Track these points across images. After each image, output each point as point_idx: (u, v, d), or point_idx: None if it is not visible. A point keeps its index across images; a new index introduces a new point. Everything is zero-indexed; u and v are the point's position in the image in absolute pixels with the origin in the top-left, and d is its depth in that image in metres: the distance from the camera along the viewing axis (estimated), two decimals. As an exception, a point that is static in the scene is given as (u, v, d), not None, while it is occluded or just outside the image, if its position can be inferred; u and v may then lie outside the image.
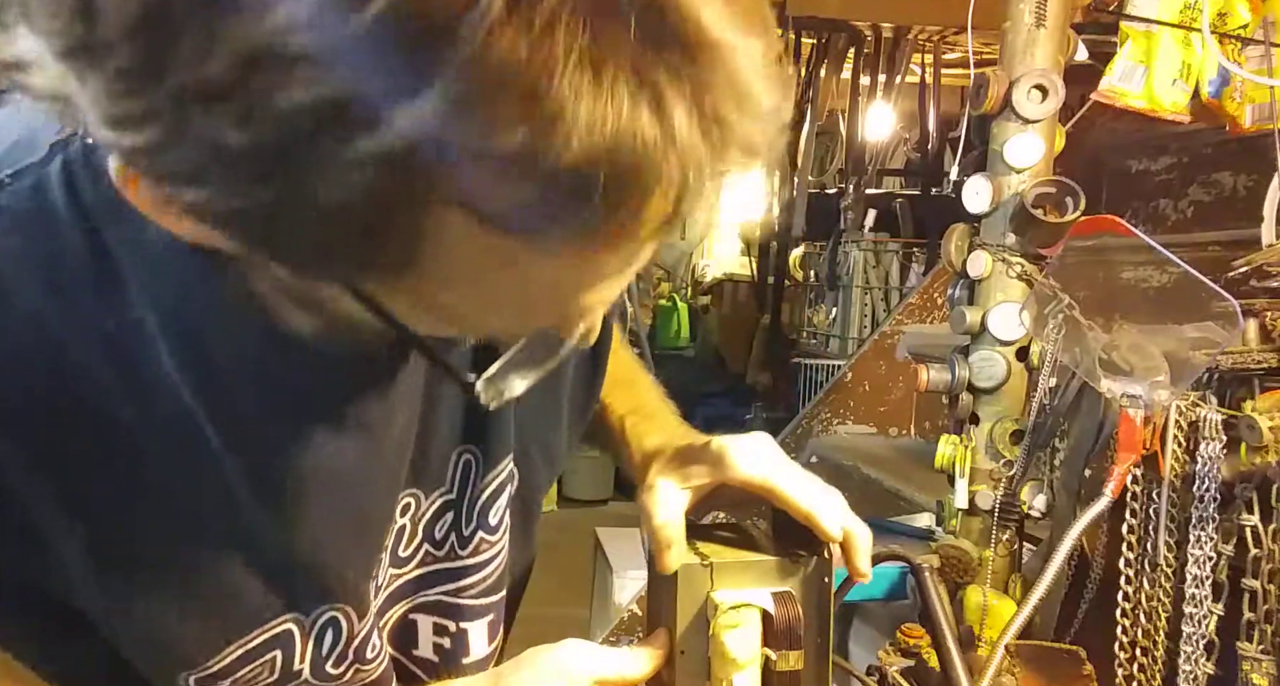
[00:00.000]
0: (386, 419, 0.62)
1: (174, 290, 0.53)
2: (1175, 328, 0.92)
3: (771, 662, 0.65)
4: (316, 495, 0.59)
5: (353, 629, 0.65)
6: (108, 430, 0.53)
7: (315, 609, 0.63)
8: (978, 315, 1.16)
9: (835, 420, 2.97)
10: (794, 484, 0.67)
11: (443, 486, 0.70)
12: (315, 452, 0.58)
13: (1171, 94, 1.32)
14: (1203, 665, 0.91)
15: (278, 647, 0.62)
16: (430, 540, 0.71)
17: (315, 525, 0.60)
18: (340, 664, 0.66)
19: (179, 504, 0.56)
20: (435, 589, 0.72)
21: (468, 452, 0.70)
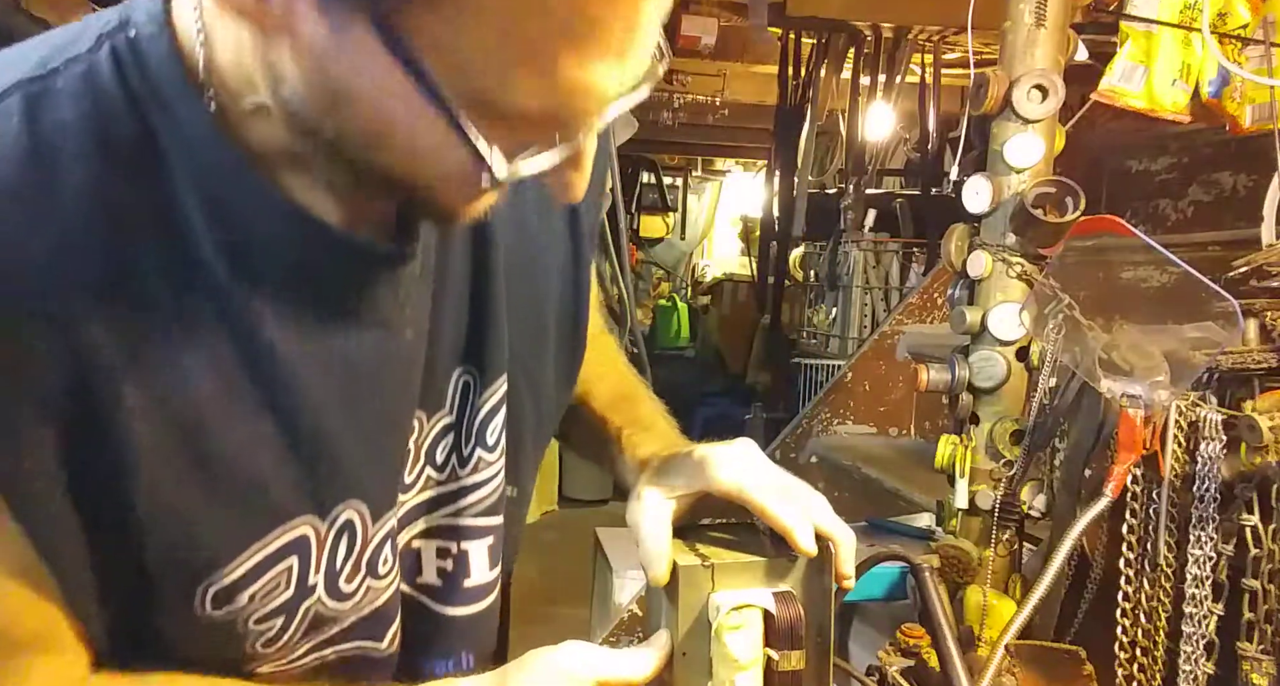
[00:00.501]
0: (400, 320, 0.65)
1: (211, 176, 0.56)
2: (1175, 328, 0.92)
3: (773, 663, 0.65)
4: (335, 384, 0.62)
5: (367, 533, 0.67)
6: (152, 303, 0.56)
7: (333, 506, 0.64)
8: (978, 315, 1.16)
9: (835, 420, 2.97)
10: (769, 497, 0.67)
11: (443, 409, 0.72)
12: (335, 342, 0.62)
13: (1171, 94, 1.32)
14: (1203, 665, 0.91)
15: (294, 554, 0.63)
16: (432, 464, 0.73)
17: (334, 414, 0.62)
18: (353, 578, 0.67)
19: (210, 385, 0.58)
20: (437, 513, 0.74)
21: (466, 374, 0.73)
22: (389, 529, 0.69)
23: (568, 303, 0.80)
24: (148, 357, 0.56)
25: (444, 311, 0.70)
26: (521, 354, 0.76)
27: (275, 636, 0.65)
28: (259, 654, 0.65)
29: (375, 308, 0.64)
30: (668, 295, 8.49)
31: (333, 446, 0.63)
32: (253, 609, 0.63)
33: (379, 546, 0.68)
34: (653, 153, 7.34)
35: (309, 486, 0.63)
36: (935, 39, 4.14)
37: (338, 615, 0.68)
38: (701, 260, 9.32)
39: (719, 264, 9.11)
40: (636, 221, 7.75)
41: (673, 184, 8.50)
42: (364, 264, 0.63)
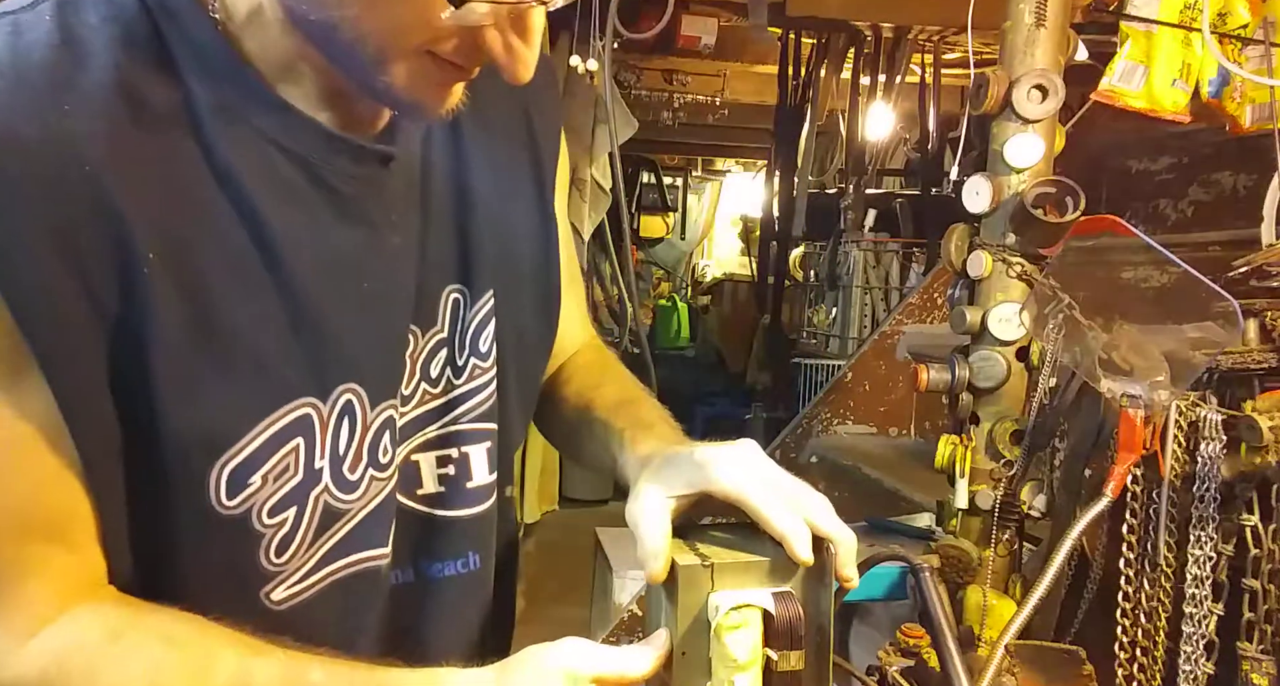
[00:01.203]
0: (385, 223, 0.72)
1: (214, 75, 0.64)
2: (1175, 328, 0.92)
3: (773, 663, 0.65)
4: (330, 273, 0.68)
5: (366, 417, 0.71)
6: (169, 176, 0.62)
7: (333, 388, 0.69)
8: (978, 315, 1.16)
9: (835, 420, 2.97)
10: (767, 502, 0.67)
11: (436, 325, 0.77)
12: (328, 233, 0.68)
13: (1171, 94, 1.32)
14: (1203, 665, 0.91)
15: (299, 435, 0.67)
16: (427, 379, 0.77)
17: (331, 301, 0.68)
18: (356, 466, 0.71)
19: (220, 261, 0.64)
20: (434, 424, 0.78)
21: (456, 291, 0.78)
22: (387, 418, 0.73)
23: (536, 241, 0.86)
24: (167, 225, 0.62)
25: (432, 231, 0.76)
26: (504, 278, 0.82)
27: (288, 536, 0.68)
28: (273, 569, 0.68)
29: (362, 205, 0.70)
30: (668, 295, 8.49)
31: (330, 330, 0.68)
32: (265, 496, 0.66)
33: (378, 433, 0.72)
34: (653, 153, 7.34)
35: (310, 366, 0.67)
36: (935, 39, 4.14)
37: (346, 509, 0.71)
38: (701, 260, 9.32)
39: (719, 264, 9.11)
40: (636, 221, 7.75)
41: (673, 184, 8.50)
42: (350, 159, 0.69)
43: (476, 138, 0.80)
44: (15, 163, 0.57)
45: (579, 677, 0.64)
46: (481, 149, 0.80)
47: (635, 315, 2.66)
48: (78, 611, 0.62)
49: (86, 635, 0.62)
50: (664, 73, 5.09)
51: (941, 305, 2.88)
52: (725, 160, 8.53)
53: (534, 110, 0.86)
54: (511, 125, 0.84)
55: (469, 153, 0.80)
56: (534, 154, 0.86)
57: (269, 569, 0.69)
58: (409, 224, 0.74)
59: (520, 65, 0.63)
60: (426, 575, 0.79)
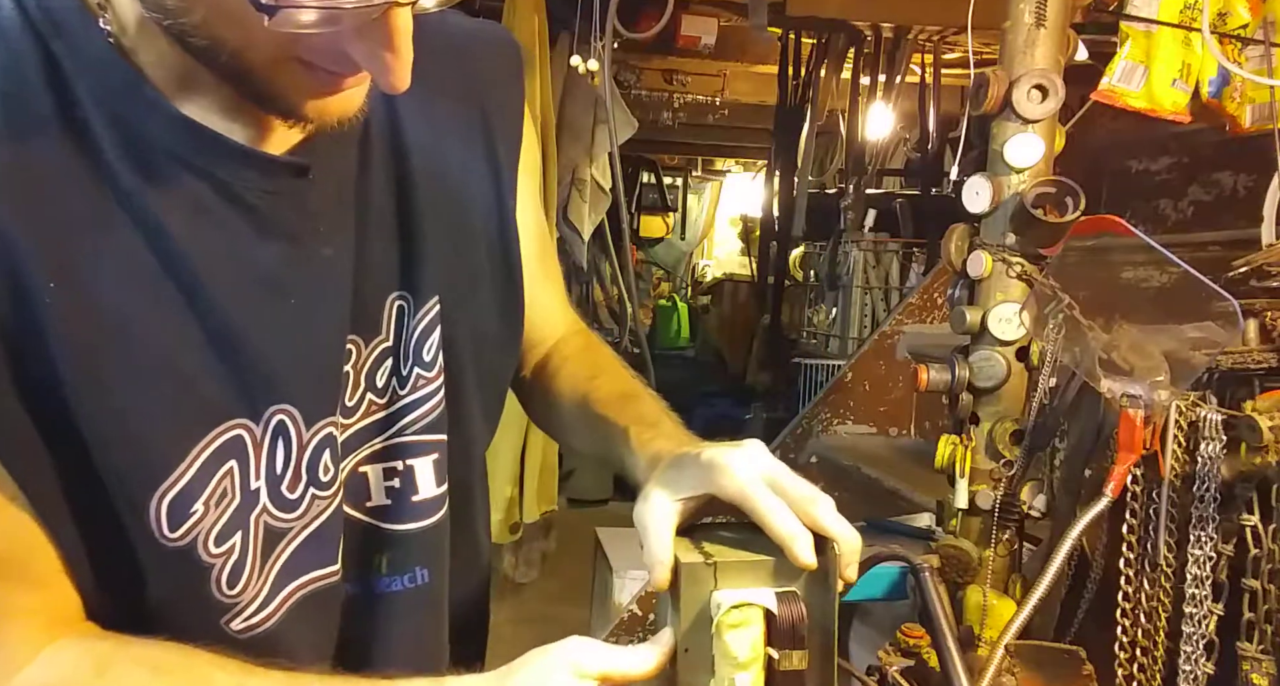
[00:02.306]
0: (310, 235, 0.69)
1: (111, 92, 0.61)
2: (1175, 328, 0.92)
3: (775, 662, 0.65)
4: (251, 292, 0.66)
5: (302, 437, 0.69)
6: (66, 205, 0.59)
7: (264, 410, 0.67)
8: (978, 315, 1.15)
9: (835, 420, 2.97)
10: (771, 505, 0.67)
11: (380, 334, 0.75)
12: (244, 251, 0.66)
13: (1171, 94, 1.32)
14: (1203, 665, 0.91)
15: (233, 457, 0.65)
16: (373, 389, 0.75)
17: (253, 320, 0.66)
18: (295, 486, 0.69)
19: (132, 288, 0.61)
20: (380, 436, 0.76)
21: (400, 299, 0.76)
22: (326, 435, 0.70)
23: (494, 235, 0.83)
24: (65, 249, 0.59)
25: (371, 240, 0.73)
26: (453, 281, 0.79)
27: (238, 565, 0.66)
28: (227, 601, 0.66)
29: (280, 219, 0.68)
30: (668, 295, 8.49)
31: (255, 350, 0.66)
32: (208, 524, 0.64)
33: (317, 451, 0.70)
34: (653, 153, 7.34)
35: (237, 388, 0.65)
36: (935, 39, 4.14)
37: (288, 528, 0.69)
38: (701, 260, 9.33)
39: (719, 264, 9.12)
40: (636, 221, 7.75)
41: (673, 184, 8.50)
42: (260, 172, 0.66)
43: (422, 138, 0.77)
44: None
45: (585, 674, 0.64)
46: (428, 150, 0.77)
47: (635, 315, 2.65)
48: (58, 647, 0.61)
49: (72, 670, 0.61)
50: (664, 73, 5.09)
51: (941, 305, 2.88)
52: (725, 160, 8.53)
53: (490, 103, 0.83)
54: (463, 122, 0.81)
55: (414, 154, 0.76)
56: (488, 145, 0.83)
57: (223, 600, 0.67)
58: (341, 234, 0.72)
59: (388, 74, 0.59)
60: (374, 589, 0.77)
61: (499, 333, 0.84)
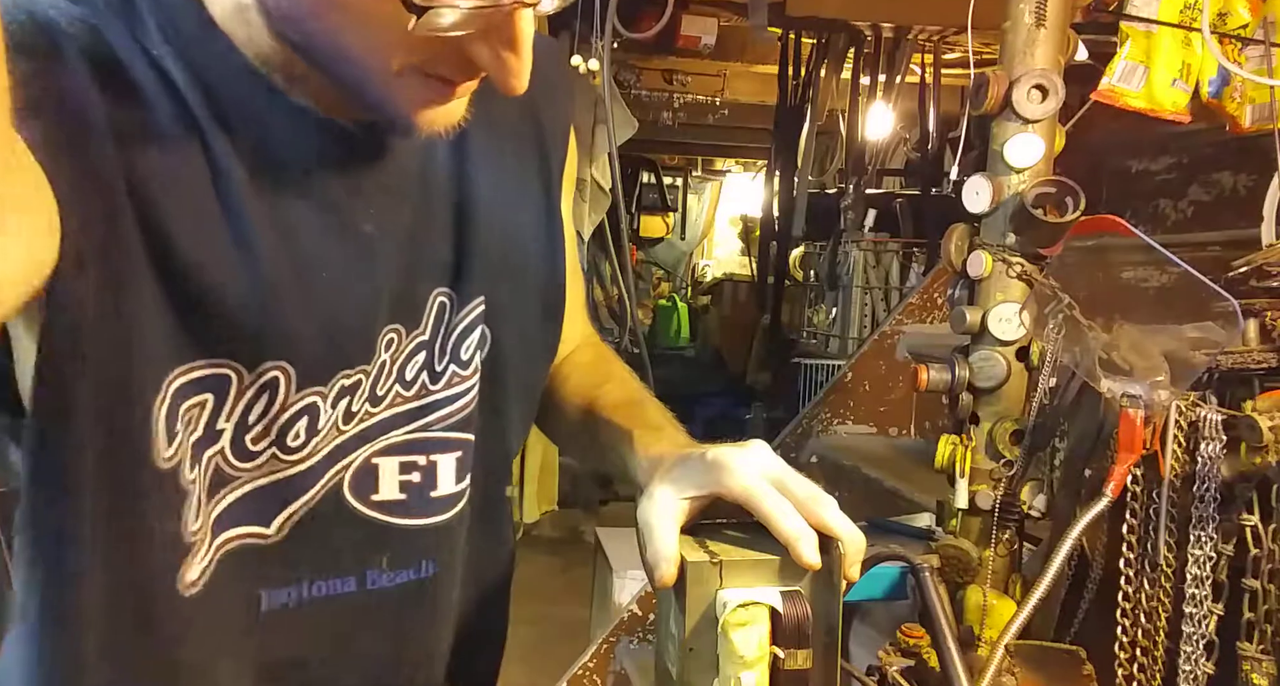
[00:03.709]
0: (352, 210, 0.69)
1: (181, 33, 0.62)
2: (1175, 328, 0.92)
3: (780, 661, 0.65)
4: (286, 248, 0.66)
5: (288, 397, 0.68)
6: (142, 116, 0.61)
7: (261, 361, 0.66)
8: (978, 315, 1.16)
9: (835, 420, 2.97)
10: (776, 505, 0.67)
11: (419, 328, 0.74)
12: (289, 207, 0.66)
13: (1171, 94, 1.32)
14: (1203, 665, 0.91)
15: (211, 392, 0.65)
16: (401, 381, 0.74)
17: (283, 274, 0.66)
18: (260, 440, 0.68)
19: (185, 202, 0.62)
20: (401, 428, 0.75)
21: (443, 295, 0.76)
22: (309, 404, 0.70)
23: (544, 242, 0.83)
24: (141, 157, 0.60)
25: (425, 232, 0.74)
26: (501, 283, 0.79)
27: (196, 501, 0.65)
28: (189, 539, 0.65)
29: (326, 188, 0.68)
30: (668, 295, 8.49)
31: (276, 302, 0.66)
32: (187, 447, 0.64)
33: (295, 417, 0.69)
34: (653, 153, 7.35)
35: (244, 332, 0.65)
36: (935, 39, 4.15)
37: (236, 476, 0.68)
38: (701, 260, 9.33)
39: (719, 264, 9.12)
40: (636, 221, 7.76)
41: (673, 184, 8.51)
42: (333, 141, 0.67)
43: (482, 137, 0.77)
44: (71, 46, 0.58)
45: None
46: (487, 149, 0.78)
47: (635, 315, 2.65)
48: None
49: None
50: (664, 73, 5.10)
51: (941, 305, 2.88)
52: (725, 160, 8.54)
53: (543, 109, 0.83)
54: (519, 125, 0.82)
55: (474, 152, 0.77)
56: (542, 154, 0.84)
57: (187, 540, 0.65)
58: (394, 218, 0.72)
59: (511, 76, 0.60)
60: (369, 585, 0.76)
61: (540, 338, 0.84)
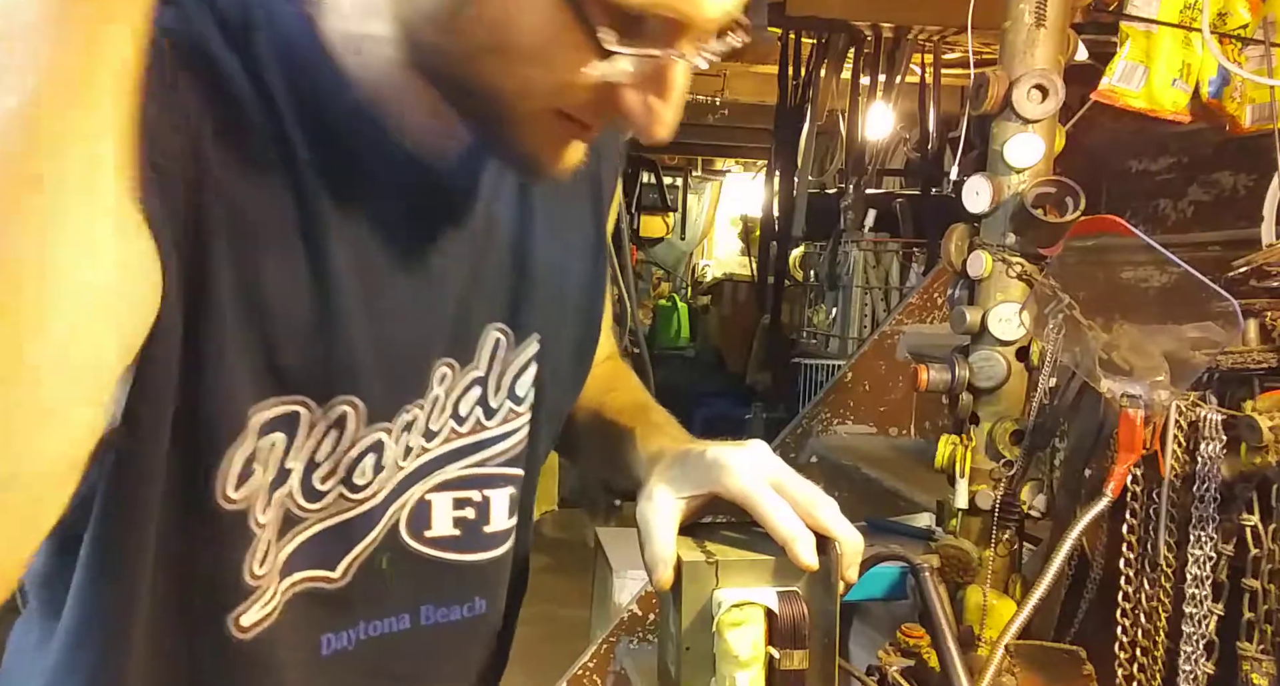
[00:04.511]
0: (431, 244, 0.69)
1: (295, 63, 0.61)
2: (1175, 328, 0.92)
3: (776, 661, 0.65)
4: (362, 281, 0.65)
5: (356, 433, 0.68)
6: (238, 140, 0.59)
7: (332, 396, 0.66)
8: (978, 315, 1.16)
9: (835, 420, 2.97)
10: (774, 506, 0.67)
11: (473, 362, 0.74)
12: (363, 239, 0.65)
13: (1171, 94, 1.32)
14: (1203, 665, 0.91)
15: (283, 431, 0.64)
16: (455, 417, 0.74)
17: (358, 306, 0.65)
18: (328, 479, 0.68)
19: (273, 231, 0.61)
20: (455, 464, 0.75)
21: (498, 331, 0.75)
22: (376, 441, 0.69)
23: (589, 287, 0.83)
24: (236, 186, 0.59)
25: (485, 267, 0.73)
26: (552, 322, 0.79)
27: (266, 544, 0.65)
28: (252, 583, 0.65)
29: (406, 225, 0.67)
30: (668, 295, 8.49)
31: (350, 336, 0.65)
32: (260, 489, 0.63)
33: (363, 453, 0.69)
34: (653, 153, 7.34)
35: (319, 367, 0.64)
36: (935, 39, 4.15)
37: (304, 518, 0.67)
38: (701, 260, 9.33)
39: (719, 264, 9.12)
40: (636, 221, 7.76)
41: (673, 184, 8.51)
42: (414, 173, 0.67)
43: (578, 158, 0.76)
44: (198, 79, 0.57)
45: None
46: (547, 190, 0.77)
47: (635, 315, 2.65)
48: None
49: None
50: (664, 73, 5.08)
51: (941, 305, 2.88)
52: (725, 160, 8.54)
53: (601, 154, 0.81)
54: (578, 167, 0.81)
55: (535, 192, 0.76)
56: (595, 197, 0.83)
57: (249, 583, 0.65)
58: (459, 253, 0.71)
59: (658, 124, 0.60)
60: (423, 621, 0.76)
61: (573, 372, 0.84)
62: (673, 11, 0.55)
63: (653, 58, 0.56)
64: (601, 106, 0.60)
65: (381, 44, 0.61)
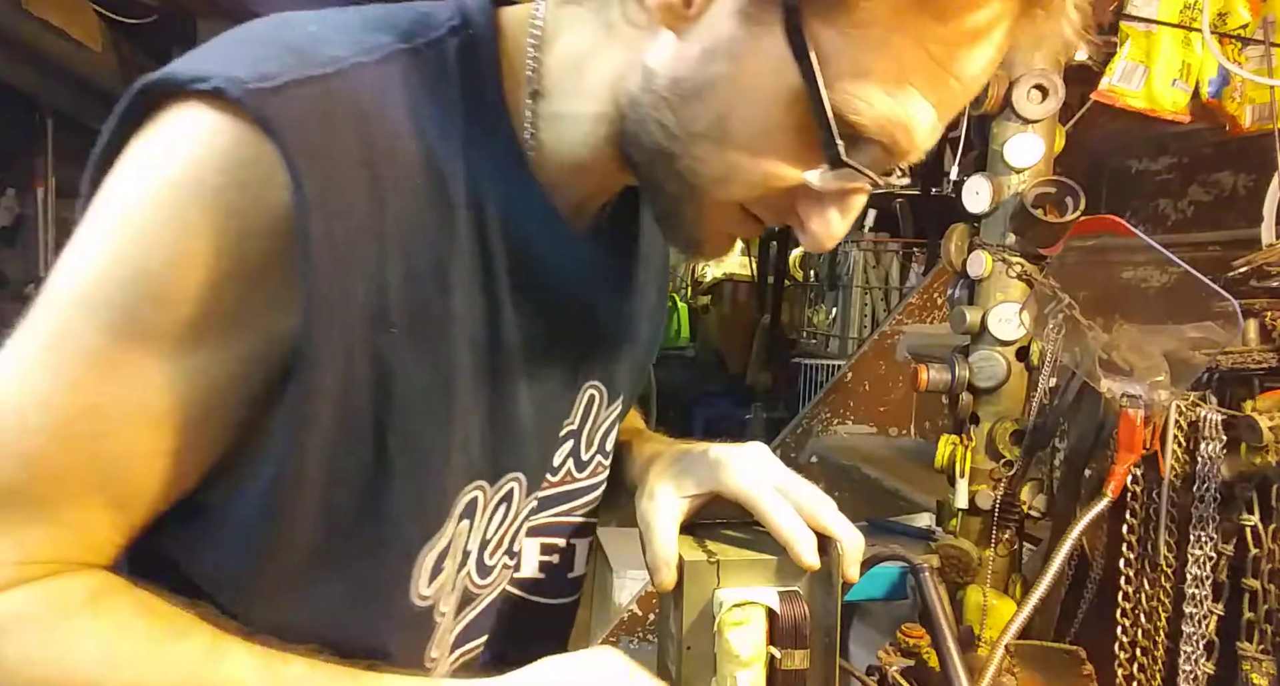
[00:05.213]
0: (567, 315, 0.70)
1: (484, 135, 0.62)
2: (1175, 328, 0.92)
3: (777, 661, 0.65)
4: (519, 358, 0.66)
5: (519, 507, 0.71)
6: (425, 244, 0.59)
7: (502, 473, 0.68)
8: (978, 315, 1.16)
9: (835, 420, 2.97)
10: (775, 506, 0.67)
11: (569, 417, 0.75)
12: (524, 318, 0.65)
13: (1171, 94, 1.32)
14: (1203, 665, 0.91)
15: (467, 518, 0.66)
16: (549, 467, 0.75)
17: (516, 384, 0.66)
18: (495, 552, 0.70)
19: (457, 333, 0.61)
20: (546, 512, 0.76)
21: (594, 389, 0.77)
22: (531, 508, 0.72)
23: (650, 344, 0.85)
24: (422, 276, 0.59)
25: (589, 327, 0.74)
26: (631, 379, 0.81)
27: (446, 627, 0.67)
28: (428, 665, 0.67)
29: (557, 298, 0.68)
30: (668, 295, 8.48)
31: (513, 416, 0.67)
32: (447, 582, 0.65)
33: (520, 525, 0.72)
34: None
35: (492, 450, 0.66)
36: (935, 39, 4.13)
37: (477, 595, 0.70)
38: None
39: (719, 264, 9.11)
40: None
41: (673, 184, 8.49)
42: (570, 251, 0.67)
43: (646, 241, 0.79)
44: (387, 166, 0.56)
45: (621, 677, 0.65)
46: (646, 254, 0.79)
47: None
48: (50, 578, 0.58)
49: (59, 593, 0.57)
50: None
51: (941, 305, 2.88)
52: (725, 160, 8.51)
53: None
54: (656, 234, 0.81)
55: (631, 259, 0.78)
56: (664, 266, 0.86)
57: (425, 667, 0.67)
58: (580, 317, 0.72)
59: (830, 237, 0.61)
60: (504, 659, 0.75)
61: (621, 417, 0.86)
62: (893, 142, 0.57)
63: (869, 179, 0.58)
64: (786, 210, 0.61)
65: (584, 121, 0.62)
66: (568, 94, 0.63)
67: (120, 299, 0.54)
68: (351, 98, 0.56)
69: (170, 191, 0.53)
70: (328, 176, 0.54)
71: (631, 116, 0.60)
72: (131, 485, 0.58)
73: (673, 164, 0.60)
